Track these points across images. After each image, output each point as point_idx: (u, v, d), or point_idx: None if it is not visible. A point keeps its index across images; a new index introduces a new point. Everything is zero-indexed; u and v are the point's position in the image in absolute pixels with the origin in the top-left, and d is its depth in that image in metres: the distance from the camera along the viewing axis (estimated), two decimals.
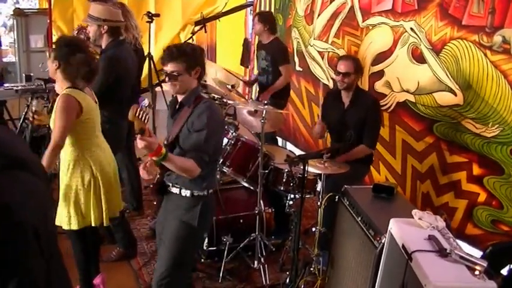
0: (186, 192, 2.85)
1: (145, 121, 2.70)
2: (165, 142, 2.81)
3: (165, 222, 2.97)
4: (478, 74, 3.78)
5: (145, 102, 4.15)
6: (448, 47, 4.02)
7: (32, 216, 1.23)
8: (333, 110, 4.27)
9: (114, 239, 4.12)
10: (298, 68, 6.20)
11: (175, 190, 2.88)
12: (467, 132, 3.90)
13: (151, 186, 2.95)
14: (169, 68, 2.72)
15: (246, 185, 4.14)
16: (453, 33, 3.96)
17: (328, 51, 5.62)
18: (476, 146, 3.83)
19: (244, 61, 6.88)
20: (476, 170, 3.86)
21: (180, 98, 2.85)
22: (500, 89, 3.62)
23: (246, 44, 6.75)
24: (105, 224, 3.32)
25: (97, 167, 3.21)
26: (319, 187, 3.90)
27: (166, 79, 2.76)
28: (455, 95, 3.99)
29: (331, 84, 5.58)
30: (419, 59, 4.32)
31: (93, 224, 3.25)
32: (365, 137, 4.10)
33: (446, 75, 4.05)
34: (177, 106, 2.86)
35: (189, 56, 2.72)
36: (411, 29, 4.38)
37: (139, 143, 2.57)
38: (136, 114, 2.64)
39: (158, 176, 2.87)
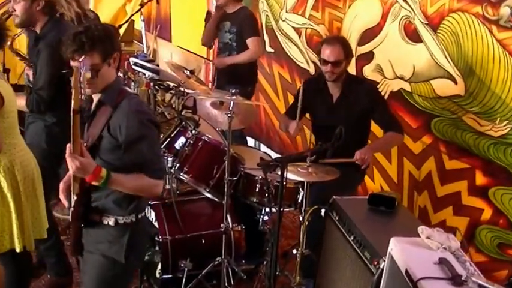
0: (108, 220, 2.74)
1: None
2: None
3: (86, 256, 2.85)
4: (482, 55, 3.79)
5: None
6: (446, 21, 4.03)
7: None
8: (317, 104, 4.24)
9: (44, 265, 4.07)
10: (268, 48, 6.18)
11: (95, 218, 2.75)
12: (470, 131, 3.92)
13: (71, 210, 2.76)
14: None
15: (209, 196, 4.10)
16: (453, 4, 3.97)
17: (306, 28, 5.60)
18: (481, 149, 3.84)
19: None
20: (480, 179, 3.88)
21: (96, 96, 2.75)
22: (509, 74, 3.63)
23: (209, 18, 6.68)
24: (28, 249, 3.23)
25: (19, 174, 3.17)
26: (301, 198, 3.88)
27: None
28: (456, 82, 4.01)
29: (312, 69, 5.56)
30: (413, 36, 4.33)
31: (8, 247, 3.16)
32: (385, 125, 4.10)
33: (445, 57, 4.07)
34: (94, 106, 2.76)
35: (104, 41, 2.63)
36: None
37: (70, 165, 2.50)
38: None
39: (75, 197, 2.69)
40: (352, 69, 4.77)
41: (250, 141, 6.34)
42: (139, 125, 2.63)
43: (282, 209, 3.42)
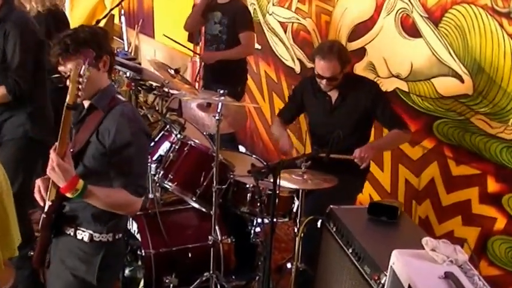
0: (83, 235, 2.74)
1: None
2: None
3: (53, 269, 2.86)
4: (492, 51, 3.79)
5: None
6: (450, 14, 4.04)
7: None
8: (315, 106, 4.24)
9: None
10: (255, 45, 6.19)
11: (68, 230, 2.78)
12: (480, 133, 3.92)
13: (43, 216, 2.78)
14: (68, 67, 2.64)
15: (195, 205, 4.09)
16: None
17: (292, 22, 5.61)
18: (492, 153, 3.84)
19: (194, 35, 6.82)
20: (492, 186, 3.87)
21: (86, 103, 2.78)
22: None
23: None
24: None
25: None
26: (296, 208, 3.88)
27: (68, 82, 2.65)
28: (462, 81, 4.01)
29: (297, 68, 5.56)
30: (411, 31, 4.33)
31: None
32: (389, 123, 4.08)
33: (449, 53, 4.07)
34: (85, 111, 2.79)
35: (90, 44, 2.65)
36: None
37: (50, 165, 2.51)
38: None
39: (50, 203, 2.71)
40: None
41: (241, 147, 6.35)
42: (129, 131, 2.65)
43: (275, 220, 3.42)
